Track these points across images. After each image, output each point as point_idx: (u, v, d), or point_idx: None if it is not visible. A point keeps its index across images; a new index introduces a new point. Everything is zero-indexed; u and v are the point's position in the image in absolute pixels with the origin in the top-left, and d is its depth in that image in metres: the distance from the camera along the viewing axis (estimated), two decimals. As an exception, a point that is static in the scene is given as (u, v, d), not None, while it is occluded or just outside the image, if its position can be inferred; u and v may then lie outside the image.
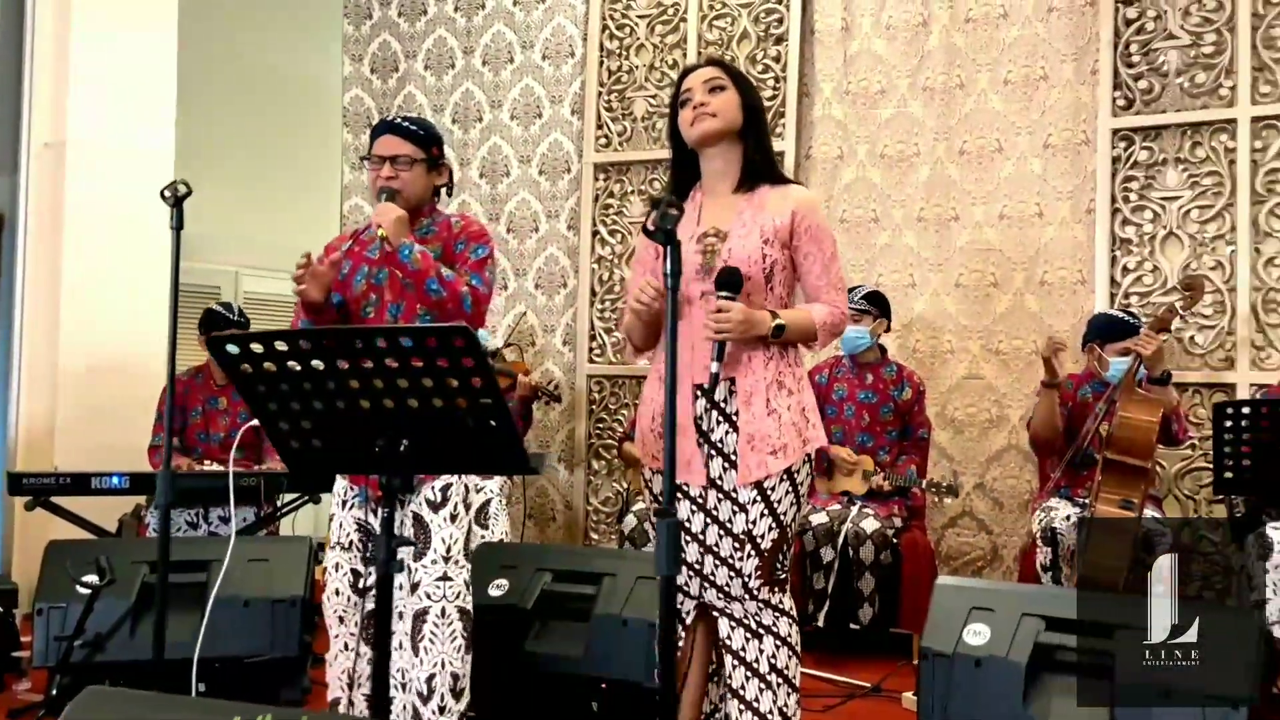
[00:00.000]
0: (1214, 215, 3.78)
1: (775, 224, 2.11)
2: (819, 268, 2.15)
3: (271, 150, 5.48)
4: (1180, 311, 3.20)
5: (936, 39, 4.23)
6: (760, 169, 2.18)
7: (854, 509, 3.58)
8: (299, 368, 1.62)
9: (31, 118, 4.26)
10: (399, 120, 2.38)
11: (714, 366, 2.03)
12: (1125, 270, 3.91)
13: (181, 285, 5.34)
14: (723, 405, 2.09)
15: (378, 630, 1.69)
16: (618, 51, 4.67)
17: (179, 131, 4.41)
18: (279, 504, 3.57)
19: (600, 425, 4.67)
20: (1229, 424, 2.67)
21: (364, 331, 1.58)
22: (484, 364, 1.55)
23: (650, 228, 1.46)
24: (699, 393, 2.10)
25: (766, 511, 2.08)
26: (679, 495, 2.12)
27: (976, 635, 2.32)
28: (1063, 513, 3.30)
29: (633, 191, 4.65)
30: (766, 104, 4.40)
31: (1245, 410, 2.66)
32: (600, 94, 4.68)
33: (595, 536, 4.64)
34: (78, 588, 2.70)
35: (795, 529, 2.17)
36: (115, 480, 3.23)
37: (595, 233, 4.68)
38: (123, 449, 3.81)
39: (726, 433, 2.09)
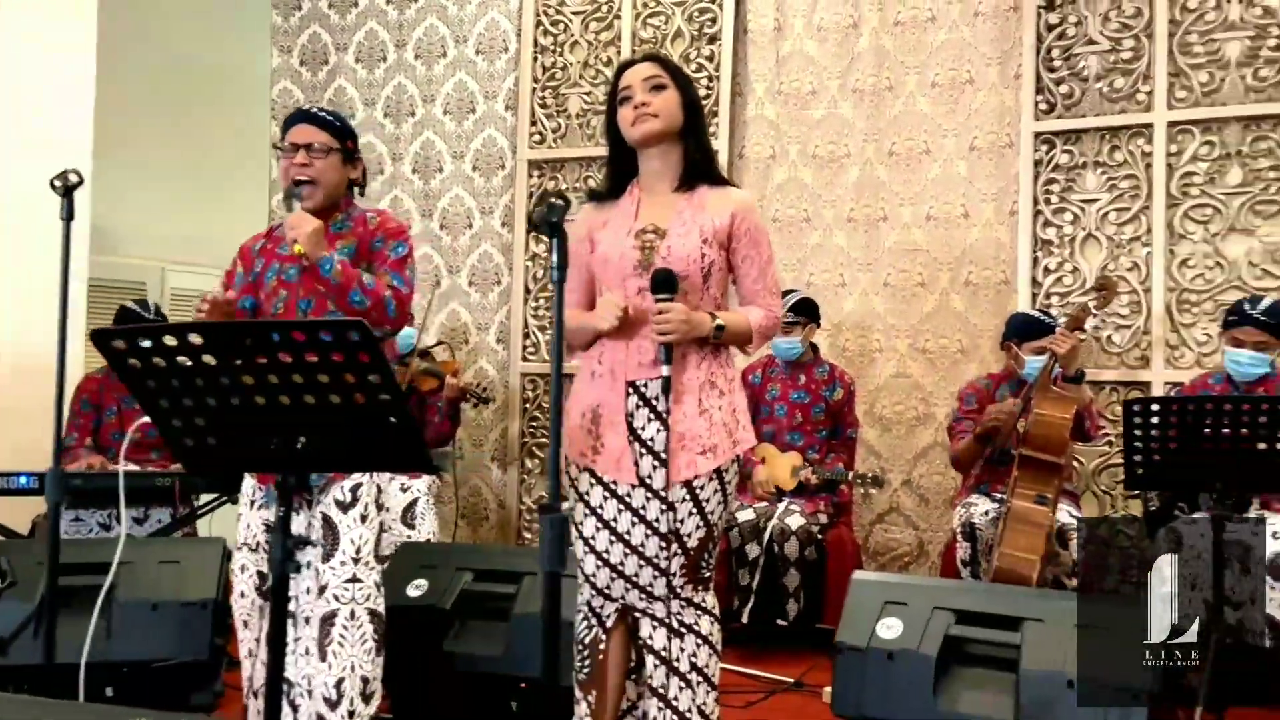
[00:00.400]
0: (1131, 218, 3.87)
1: (715, 224, 2.12)
2: (756, 271, 2.17)
3: (198, 143, 5.35)
4: (1094, 311, 3.27)
5: (866, 41, 4.27)
6: (701, 169, 2.18)
7: (780, 506, 3.61)
8: (190, 363, 1.58)
9: (-59, 107, 4.11)
10: (314, 109, 2.35)
11: (665, 370, 2.05)
12: (1046, 271, 3.98)
13: (104, 281, 5.19)
14: (654, 403, 2.09)
15: (272, 634, 1.65)
16: (552, 48, 4.65)
17: (100, 123, 4.29)
18: (195, 505, 3.49)
19: (534, 424, 4.64)
20: (1138, 421, 2.70)
21: (256, 326, 1.55)
22: (380, 359, 1.53)
23: (536, 221, 1.45)
24: (631, 390, 2.10)
25: (695, 510, 2.08)
26: (606, 494, 2.11)
27: (889, 629, 2.35)
28: (981, 508, 3.36)
29: (568, 189, 4.62)
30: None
31: (1154, 407, 2.70)
32: (534, 90, 4.65)
33: (529, 536, 4.61)
34: (-22, 591, 2.61)
35: (722, 528, 2.18)
36: (23, 480, 3.13)
37: (530, 230, 4.65)
38: (38, 450, 3.69)
39: (658, 431, 2.08)
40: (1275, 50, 3.69)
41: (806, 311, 3.86)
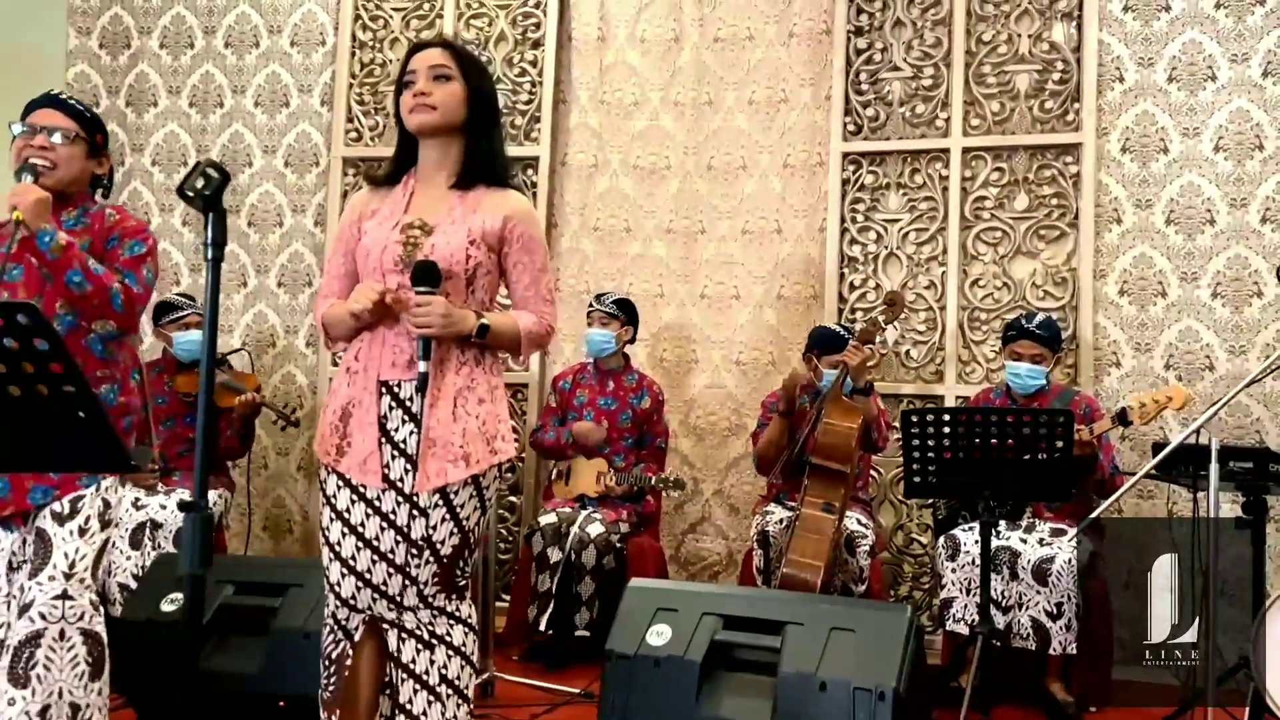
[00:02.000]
0: (929, 238, 4.03)
1: (485, 226, 2.06)
2: (528, 278, 2.12)
3: (-15, 126, 4.96)
4: (883, 325, 3.38)
5: (688, 55, 4.32)
6: (480, 168, 2.10)
7: (583, 513, 3.58)
8: None
9: None
10: (63, 95, 2.20)
11: (422, 365, 1.97)
12: (852, 287, 4.10)
13: None
14: (408, 404, 2.01)
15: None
16: (371, 43, 4.51)
17: None
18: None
19: (344, 431, 4.46)
20: (915, 431, 2.81)
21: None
22: (60, 346, 1.40)
23: (188, 193, 1.36)
24: (384, 390, 2.01)
25: (449, 516, 2.01)
26: (354, 497, 2.02)
27: (659, 636, 2.34)
28: (777, 516, 3.41)
29: (385, 190, 4.48)
30: (523, 108, 4.38)
31: (930, 418, 2.81)
32: (351, 86, 4.50)
33: (334, 547, 4.42)
34: None
35: (479, 536, 2.11)
36: None
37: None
38: None
39: (411, 433, 2.00)
40: (1060, 84, 3.92)
41: (626, 310, 3.87)
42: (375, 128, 4.50)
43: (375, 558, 2.00)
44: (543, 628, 3.41)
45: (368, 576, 2.00)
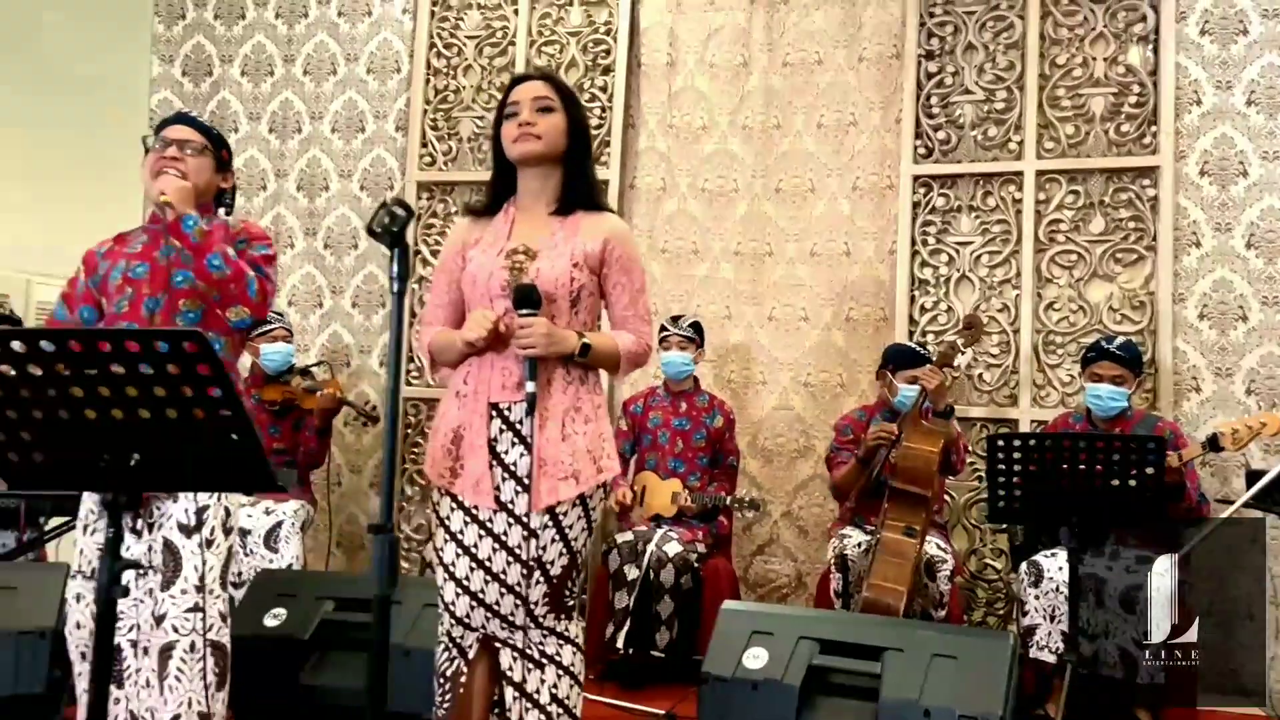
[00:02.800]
0: (1002, 261, 4.03)
1: (586, 249, 2.11)
2: (627, 298, 2.16)
3: (70, 151, 5.10)
4: (961, 348, 3.38)
5: (756, 80, 4.36)
6: (579, 194, 2.16)
7: (659, 532, 3.60)
8: (14, 372, 1.48)
9: None
10: (191, 114, 2.32)
11: (530, 386, 2.02)
12: (923, 309, 4.10)
13: (-39, 293, 4.80)
14: (518, 426, 2.05)
15: (96, 663, 1.55)
16: (445, 70, 4.61)
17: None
18: (43, 528, 3.28)
19: (416, 450, 4.53)
20: (1001, 456, 2.80)
21: (84, 334, 1.46)
22: (221, 371, 1.46)
23: (376, 229, 1.41)
24: (494, 412, 2.06)
25: (558, 537, 2.05)
26: (467, 519, 2.07)
27: (755, 659, 2.35)
28: (855, 540, 3.41)
29: (457, 212, 4.57)
30: (593, 133, 4.44)
31: (1016, 443, 2.80)
32: (425, 112, 4.60)
33: (406, 566, 4.49)
34: None
35: (586, 556, 2.15)
36: None
37: (417, 253, 4.58)
38: None
39: (521, 455, 2.04)
40: (1136, 107, 3.91)
41: (700, 334, 3.92)
42: (449, 153, 4.58)
43: (488, 578, 2.04)
44: (620, 645, 3.43)
45: (481, 596, 2.04)
